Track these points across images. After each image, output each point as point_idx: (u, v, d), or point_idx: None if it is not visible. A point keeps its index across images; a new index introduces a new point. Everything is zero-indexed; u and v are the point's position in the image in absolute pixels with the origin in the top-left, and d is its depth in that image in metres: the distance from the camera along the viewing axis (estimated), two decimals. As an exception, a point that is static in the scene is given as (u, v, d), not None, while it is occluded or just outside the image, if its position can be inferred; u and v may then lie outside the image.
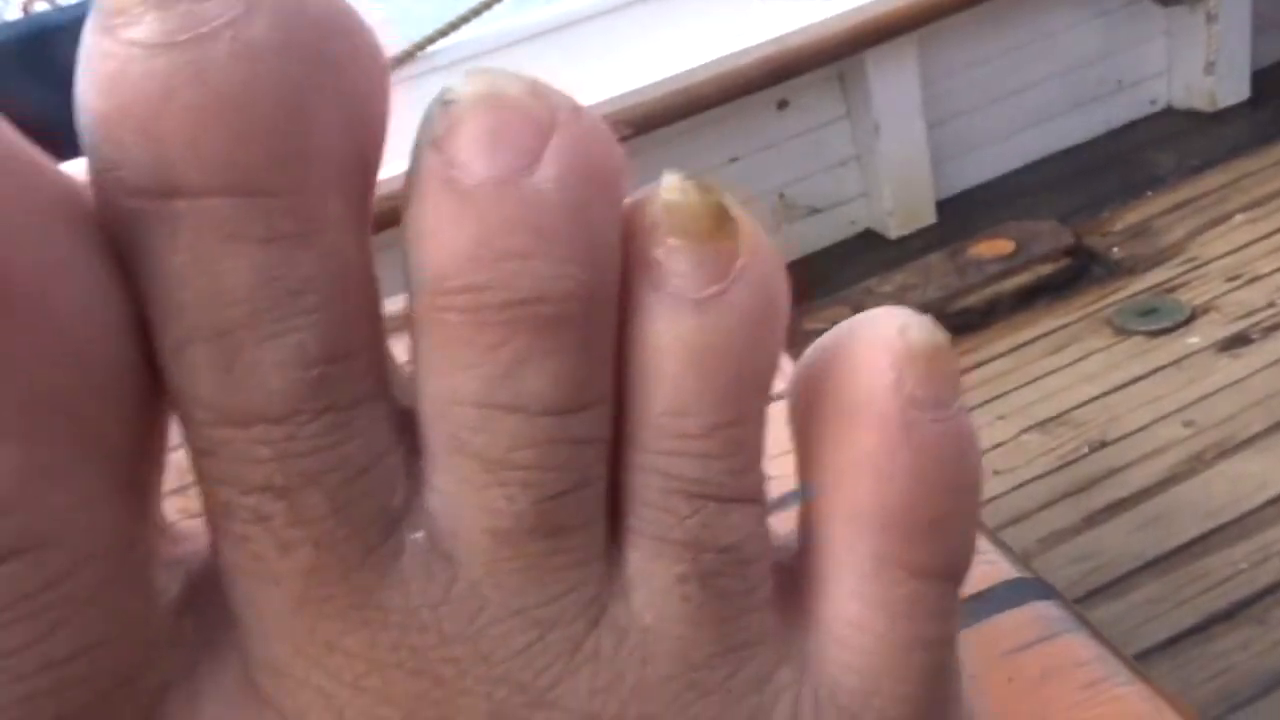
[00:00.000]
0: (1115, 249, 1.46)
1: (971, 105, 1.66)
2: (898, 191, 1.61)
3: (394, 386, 0.13)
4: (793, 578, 0.14)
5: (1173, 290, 1.35)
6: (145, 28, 0.10)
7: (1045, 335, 1.33)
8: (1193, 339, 1.26)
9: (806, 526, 0.14)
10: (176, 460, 0.12)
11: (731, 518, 0.13)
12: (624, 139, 0.13)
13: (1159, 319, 1.30)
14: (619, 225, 0.12)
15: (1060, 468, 1.12)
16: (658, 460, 0.13)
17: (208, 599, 0.13)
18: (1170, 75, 1.76)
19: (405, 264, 0.12)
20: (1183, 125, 1.73)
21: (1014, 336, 1.33)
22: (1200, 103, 1.73)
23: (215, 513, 0.12)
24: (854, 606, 0.14)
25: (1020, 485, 1.10)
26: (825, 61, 1.45)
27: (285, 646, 0.12)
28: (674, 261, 0.12)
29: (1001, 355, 1.31)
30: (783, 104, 1.55)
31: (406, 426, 0.12)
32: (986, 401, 1.23)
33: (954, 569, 0.14)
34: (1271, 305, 1.29)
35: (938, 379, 0.13)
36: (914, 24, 1.47)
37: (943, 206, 1.65)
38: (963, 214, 1.62)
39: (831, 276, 1.52)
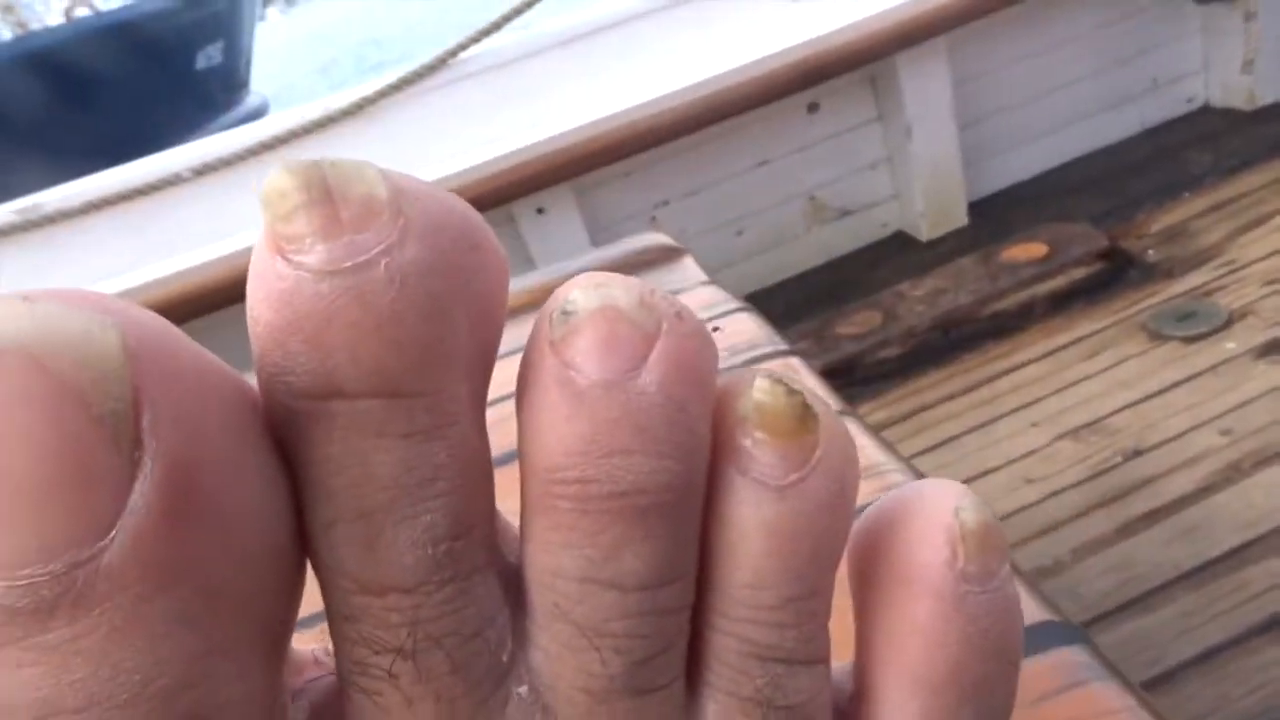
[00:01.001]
0: (1151, 252, 1.45)
1: (1004, 106, 1.65)
2: (929, 193, 1.61)
3: (504, 545, 0.14)
4: None
5: (1210, 294, 1.34)
6: (315, 256, 0.11)
7: (1079, 340, 1.31)
8: (1230, 344, 1.25)
9: (862, 679, 0.16)
10: None
11: (800, 679, 0.15)
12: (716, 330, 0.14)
13: (1196, 324, 1.29)
14: (710, 416, 0.14)
15: (1094, 476, 1.11)
16: (735, 626, 0.14)
17: None
18: (1207, 73, 1.73)
19: (520, 443, 0.14)
20: (1220, 124, 1.70)
21: (1047, 341, 1.32)
22: (1238, 101, 1.71)
23: (349, 668, 0.13)
24: None
25: (1053, 494, 1.09)
26: (857, 64, 1.44)
27: None
28: (760, 451, 0.14)
29: (1034, 361, 1.30)
30: (813, 107, 1.55)
31: (513, 584, 0.14)
32: (1019, 408, 1.22)
33: None
34: (1312, 310, 1.27)
35: (988, 555, 0.15)
36: (945, 26, 1.46)
37: (975, 208, 1.64)
38: (995, 216, 1.61)
39: (863, 279, 1.52)
